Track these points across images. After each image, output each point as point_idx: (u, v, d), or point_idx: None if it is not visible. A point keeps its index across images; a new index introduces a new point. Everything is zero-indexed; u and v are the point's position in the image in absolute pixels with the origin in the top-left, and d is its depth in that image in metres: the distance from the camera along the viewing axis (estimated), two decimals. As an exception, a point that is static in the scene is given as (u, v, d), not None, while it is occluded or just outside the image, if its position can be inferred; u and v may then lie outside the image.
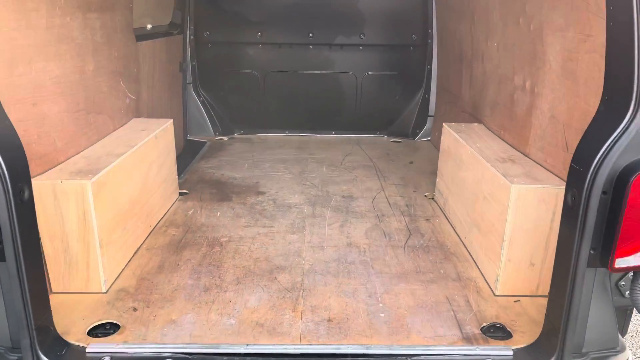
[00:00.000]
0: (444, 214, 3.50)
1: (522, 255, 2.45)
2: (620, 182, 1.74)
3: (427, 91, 5.46)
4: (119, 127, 3.33)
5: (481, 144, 3.09)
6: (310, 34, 5.29)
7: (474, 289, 2.59)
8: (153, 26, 4.50)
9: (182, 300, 2.45)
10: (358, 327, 2.27)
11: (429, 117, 5.54)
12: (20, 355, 1.96)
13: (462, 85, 4.39)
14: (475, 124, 3.65)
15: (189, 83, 5.39)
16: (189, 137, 5.46)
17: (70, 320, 2.26)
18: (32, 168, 2.32)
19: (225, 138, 5.49)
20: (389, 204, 3.69)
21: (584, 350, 2.06)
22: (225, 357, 2.06)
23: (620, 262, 1.79)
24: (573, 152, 2.26)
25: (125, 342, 2.13)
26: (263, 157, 4.83)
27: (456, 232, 3.21)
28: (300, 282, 2.62)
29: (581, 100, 2.30)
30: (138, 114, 3.81)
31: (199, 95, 5.46)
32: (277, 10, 5.21)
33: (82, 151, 2.78)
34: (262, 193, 3.88)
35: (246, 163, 4.62)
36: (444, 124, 3.65)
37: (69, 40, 2.65)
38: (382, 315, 2.36)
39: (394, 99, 5.54)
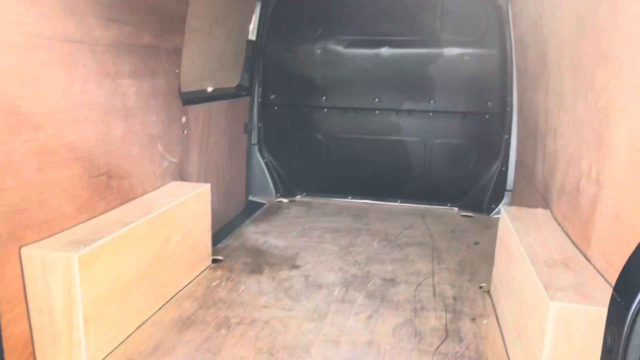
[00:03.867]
0: (496, 314, 2.97)
1: (566, 393, 1.91)
2: (674, 331, 1.24)
3: (505, 163, 4.93)
4: (151, 191, 3.27)
5: (535, 237, 2.59)
6: (377, 99, 5.06)
7: None
8: (215, 89, 4.54)
9: (159, 393, 2.20)
10: None
11: (506, 192, 4.98)
12: None
13: (536, 161, 3.86)
14: (540, 210, 3.12)
15: (254, 144, 5.36)
16: (250, 198, 5.39)
17: (38, 403, 2.11)
18: (29, 235, 2.28)
19: (285, 200, 5.34)
20: (434, 294, 3.22)
21: None
22: None
23: None
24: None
25: None
26: (315, 224, 4.58)
27: (504, 341, 2.68)
28: (295, 387, 2.27)
29: (648, 202, 1.79)
30: (184, 177, 3.77)
31: (263, 157, 5.41)
32: (343, 74, 5.07)
33: (96, 216, 2.72)
34: (297, 267, 3.60)
35: (295, 230, 4.39)
36: (502, 207, 3.17)
37: (92, 107, 2.65)
38: None
39: (467, 169, 5.07)
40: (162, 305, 2.97)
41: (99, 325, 2.40)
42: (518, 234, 2.65)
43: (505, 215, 3.02)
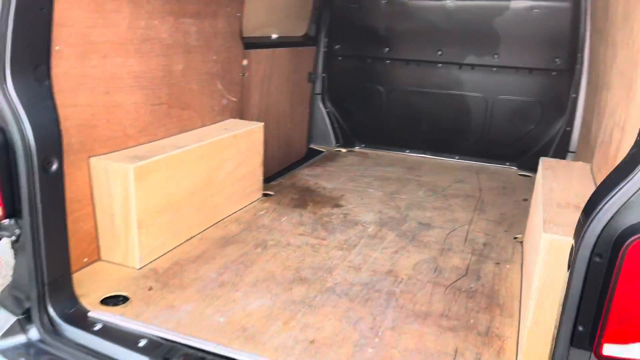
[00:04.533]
0: (522, 261, 3.03)
1: (552, 320, 2.00)
2: (617, 244, 1.33)
3: (570, 123, 4.77)
4: (209, 124, 3.61)
5: (559, 184, 2.61)
6: (440, 52, 5.05)
7: (496, 349, 2.20)
8: (280, 36, 4.76)
9: (194, 290, 2.55)
10: (337, 356, 2.10)
11: (568, 153, 4.84)
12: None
13: (593, 118, 3.75)
14: (579, 163, 3.09)
15: (317, 94, 5.57)
16: (311, 146, 5.64)
17: (97, 285, 2.53)
18: (97, 148, 2.69)
19: (344, 150, 5.54)
20: (465, 240, 3.33)
21: None
22: (192, 350, 2.09)
23: (610, 350, 1.36)
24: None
25: (122, 314, 2.30)
26: (367, 172, 4.75)
27: (521, 283, 2.76)
28: (311, 299, 2.53)
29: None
30: (243, 116, 4.08)
31: (325, 107, 5.61)
32: (406, 26, 5.09)
33: (157, 140, 3.09)
34: (339, 206, 3.83)
35: (346, 176, 4.60)
36: (541, 158, 3.16)
37: (155, 41, 2.98)
38: (370, 350, 2.15)
39: (529, 128, 4.96)
40: (210, 226, 3.33)
41: (151, 231, 2.79)
42: (544, 180, 2.68)
43: (541, 165, 3.02)
